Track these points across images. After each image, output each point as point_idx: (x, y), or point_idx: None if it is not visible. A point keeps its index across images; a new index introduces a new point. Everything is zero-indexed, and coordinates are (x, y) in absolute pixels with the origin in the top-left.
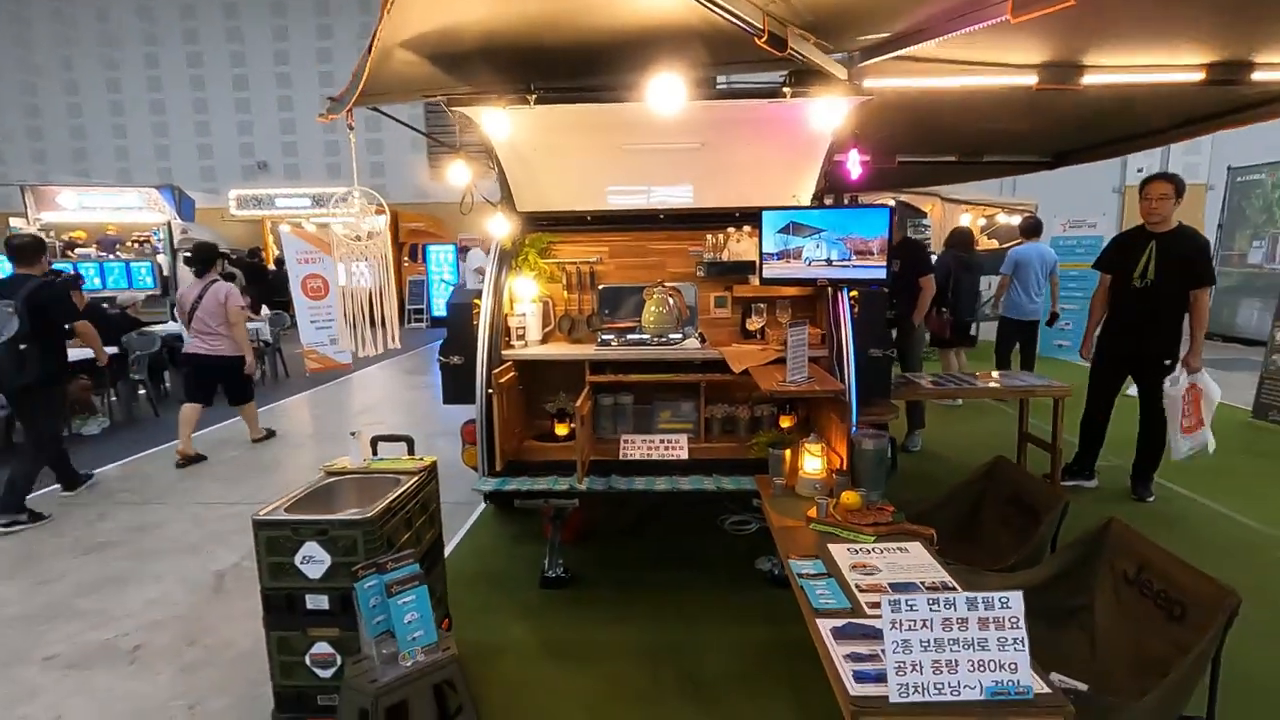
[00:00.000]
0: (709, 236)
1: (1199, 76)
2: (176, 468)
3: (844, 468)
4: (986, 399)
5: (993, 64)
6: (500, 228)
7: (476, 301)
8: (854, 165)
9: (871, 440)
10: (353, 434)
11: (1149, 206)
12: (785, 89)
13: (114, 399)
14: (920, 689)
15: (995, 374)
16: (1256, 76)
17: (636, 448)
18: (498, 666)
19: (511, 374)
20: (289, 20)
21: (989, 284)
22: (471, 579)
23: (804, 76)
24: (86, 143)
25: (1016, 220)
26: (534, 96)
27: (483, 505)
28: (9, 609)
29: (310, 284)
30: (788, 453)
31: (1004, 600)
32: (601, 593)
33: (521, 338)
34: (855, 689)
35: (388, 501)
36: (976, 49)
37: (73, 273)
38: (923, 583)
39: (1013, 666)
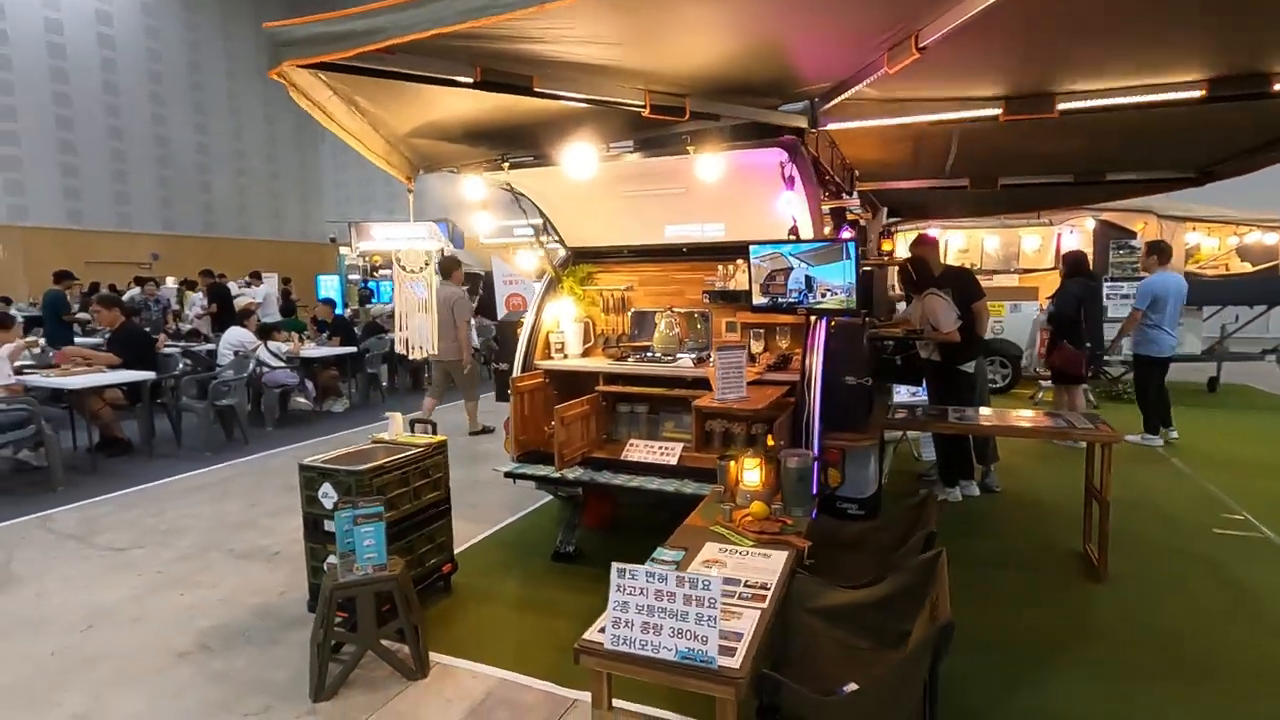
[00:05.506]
0: (719, 267)
1: (1198, 93)
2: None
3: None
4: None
5: (954, 99)
6: (529, 262)
7: (521, 320)
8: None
9: (795, 459)
10: (385, 415)
11: None
12: (688, 146)
13: (354, 388)
14: (629, 642)
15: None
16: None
17: (637, 451)
18: (472, 605)
19: (538, 380)
20: None
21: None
22: (503, 546)
23: (764, 127)
24: (394, 187)
25: (1272, 240)
26: (507, 164)
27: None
28: (229, 519)
29: (512, 301)
30: (733, 464)
31: (705, 583)
32: (594, 568)
33: (561, 350)
34: (587, 635)
35: (380, 462)
36: (929, 88)
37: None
38: (743, 580)
39: (704, 639)
